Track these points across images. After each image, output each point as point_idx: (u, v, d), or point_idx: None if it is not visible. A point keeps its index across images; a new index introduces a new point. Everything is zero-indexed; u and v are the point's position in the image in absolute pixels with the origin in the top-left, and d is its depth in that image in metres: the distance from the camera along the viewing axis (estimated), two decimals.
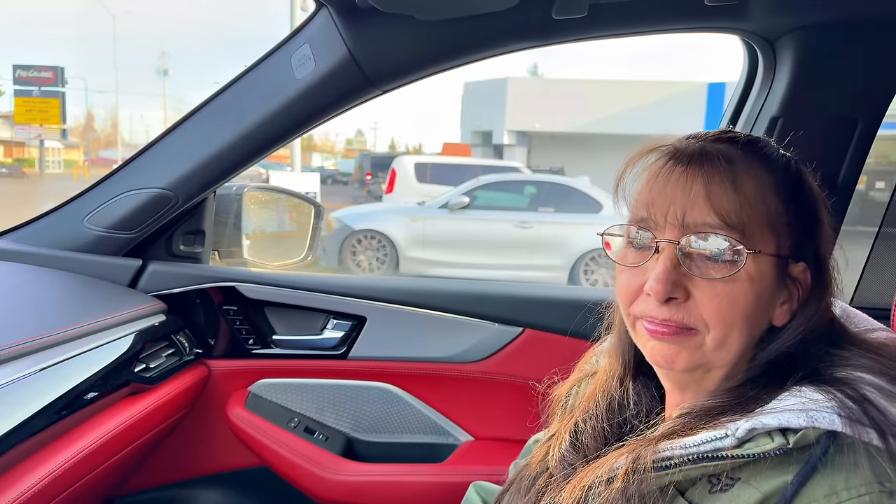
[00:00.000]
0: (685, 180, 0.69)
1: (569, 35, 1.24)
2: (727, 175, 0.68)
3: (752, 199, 0.68)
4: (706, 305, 0.68)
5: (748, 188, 0.68)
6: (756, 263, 0.67)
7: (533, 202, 8.82)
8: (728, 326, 0.68)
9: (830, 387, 0.63)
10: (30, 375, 0.99)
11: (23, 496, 0.89)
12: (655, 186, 0.71)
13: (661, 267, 0.68)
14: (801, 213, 0.71)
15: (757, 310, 0.69)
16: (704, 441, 0.63)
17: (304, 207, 1.78)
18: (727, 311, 0.67)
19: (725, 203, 0.67)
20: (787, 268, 0.70)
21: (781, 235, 0.69)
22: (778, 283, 0.69)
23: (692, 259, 0.68)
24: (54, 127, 21.07)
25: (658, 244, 0.70)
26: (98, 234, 1.40)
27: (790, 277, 0.70)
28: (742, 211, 0.67)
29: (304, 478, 1.41)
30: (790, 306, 0.71)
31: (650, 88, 23.76)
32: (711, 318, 0.68)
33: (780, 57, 1.27)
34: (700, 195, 0.68)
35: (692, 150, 0.71)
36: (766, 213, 0.69)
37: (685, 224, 0.68)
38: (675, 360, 0.70)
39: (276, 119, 1.29)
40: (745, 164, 0.70)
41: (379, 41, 1.20)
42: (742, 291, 0.67)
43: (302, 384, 1.50)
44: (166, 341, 1.38)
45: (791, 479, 0.59)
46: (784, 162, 0.73)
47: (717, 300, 0.67)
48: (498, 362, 1.46)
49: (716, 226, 0.67)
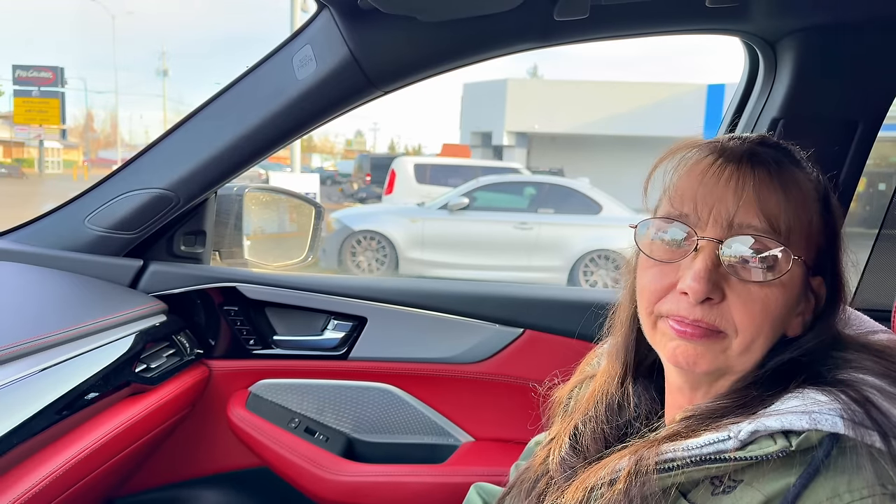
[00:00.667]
0: (737, 180, 0.67)
1: (570, 36, 1.24)
2: (778, 179, 0.67)
3: (798, 206, 0.68)
4: (740, 309, 0.67)
5: (796, 195, 0.68)
6: (791, 271, 0.67)
7: (532, 203, 8.82)
8: (757, 332, 0.67)
9: (833, 388, 0.63)
10: (30, 376, 0.99)
11: (24, 496, 0.89)
12: (705, 183, 0.69)
13: (700, 265, 0.66)
14: (827, 227, 0.71)
15: (784, 317, 0.69)
16: (707, 443, 0.63)
17: (305, 208, 1.78)
18: (759, 317, 0.67)
19: (774, 207, 0.66)
20: (809, 280, 0.70)
21: (812, 246, 0.69)
22: (799, 293, 0.69)
23: (734, 261, 0.67)
24: (54, 127, 21.07)
25: (698, 242, 0.68)
26: (99, 234, 1.40)
27: (810, 289, 0.71)
28: (788, 216, 0.66)
29: (305, 478, 1.41)
30: (804, 318, 0.71)
31: (650, 90, 23.77)
32: (743, 323, 0.67)
33: (780, 59, 1.27)
34: (750, 196, 0.66)
35: (742, 151, 0.70)
36: (808, 221, 0.68)
37: (732, 224, 0.67)
38: (697, 363, 0.69)
39: (277, 120, 1.29)
40: (793, 170, 0.69)
41: (380, 42, 1.20)
42: (775, 298, 0.67)
43: (302, 385, 1.50)
44: (167, 341, 1.38)
45: (794, 482, 0.59)
46: (816, 173, 0.73)
47: (751, 304, 0.67)
48: (498, 363, 1.46)
49: (762, 229, 0.66)
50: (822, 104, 1.27)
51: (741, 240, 0.67)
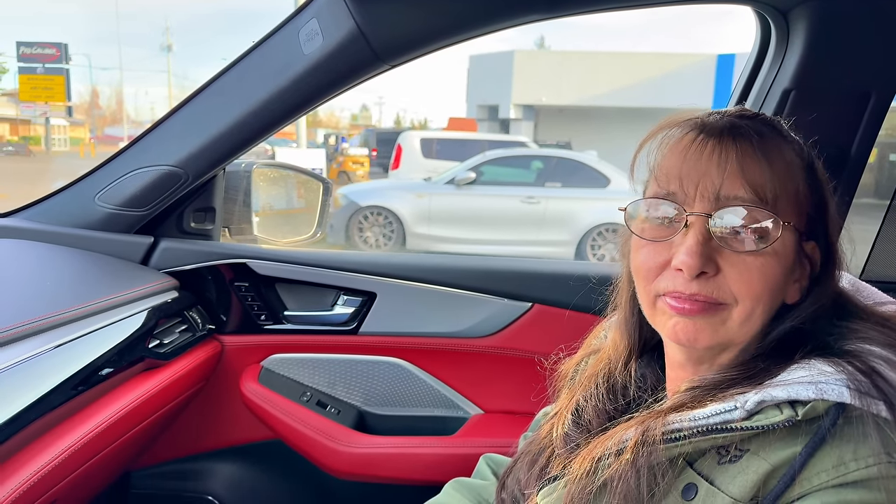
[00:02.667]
0: (719, 153, 0.68)
1: (578, 7, 1.22)
2: (760, 149, 0.68)
3: (783, 175, 0.68)
4: (737, 279, 0.67)
5: (779, 163, 0.69)
6: (782, 238, 0.68)
7: (540, 177, 8.78)
8: (756, 300, 0.68)
9: (840, 359, 0.64)
10: (46, 352, 1.00)
11: (44, 469, 0.92)
12: (688, 160, 0.69)
13: (692, 240, 0.67)
14: (815, 194, 0.72)
15: (782, 284, 0.69)
16: (714, 413, 0.64)
17: (313, 184, 1.78)
18: (757, 285, 0.67)
19: (759, 177, 0.67)
20: (802, 246, 0.71)
21: (802, 213, 0.70)
22: (794, 260, 0.70)
23: (725, 233, 0.68)
24: (59, 104, 21.06)
25: (687, 218, 0.68)
26: (109, 211, 1.41)
27: (804, 255, 0.71)
28: (774, 185, 0.67)
29: (317, 450, 1.44)
30: (801, 284, 0.72)
31: (659, 60, 23.45)
32: (742, 292, 0.68)
33: (792, 28, 1.25)
34: (734, 168, 0.67)
35: (722, 125, 0.70)
36: (795, 189, 0.69)
37: (719, 197, 0.67)
38: (697, 338, 0.69)
39: (284, 95, 1.28)
40: (776, 141, 0.70)
41: (387, 15, 1.18)
42: (771, 265, 0.68)
43: (314, 359, 1.51)
44: (179, 317, 1.39)
45: (800, 451, 0.60)
46: (800, 143, 0.74)
47: (747, 274, 0.67)
48: (507, 337, 1.47)
49: (749, 199, 0.67)
50: (834, 74, 1.26)
51: (729, 211, 0.67)
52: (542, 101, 24.66)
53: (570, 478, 0.71)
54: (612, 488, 0.66)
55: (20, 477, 0.88)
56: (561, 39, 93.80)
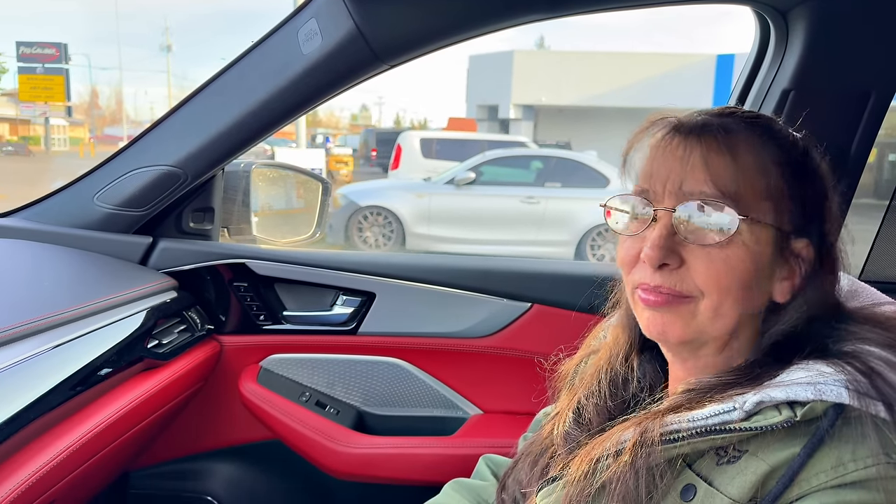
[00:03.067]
0: (683, 150, 0.70)
1: (579, 7, 1.22)
2: (725, 144, 0.69)
3: (751, 170, 0.68)
4: (700, 271, 0.68)
5: (746, 159, 0.69)
6: (752, 233, 0.68)
7: (539, 177, 8.78)
8: (723, 293, 0.68)
9: (838, 360, 0.64)
10: (45, 352, 1.00)
11: (43, 469, 0.91)
12: (656, 158, 0.72)
13: (655, 234, 0.70)
14: (806, 190, 0.70)
15: (753, 280, 0.69)
16: (712, 414, 0.64)
17: (312, 184, 1.78)
18: (721, 277, 0.68)
19: (722, 171, 0.68)
20: (790, 243, 0.70)
21: (783, 210, 0.69)
22: (777, 256, 0.69)
23: (688, 226, 0.69)
24: (59, 104, 21.06)
25: (656, 213, 0.71)
26: (108, 211, 1.41)
27: (792, 253, 0.70)
28: (738, 180, 0.68)
29: (316, 450, 1.44)
30: (792, 282, 0.71)
31: (658, 60, 23.46)
32: (705, 284, 0.68)
33: (792, 28, 1.25)
34: (698, 164, 0.69)
35: (693, 123, 0.72)
36: (766, 185, 0.69)
37: (682, 192, 0.69)
38: (667, 331, 0.71)
39: (283, 95, 1.28)
40: (746, 136, 0.70)
41: (386, 15, 1.18)
42: (737, 258, 0.68)
43: (313, 359, 1.51)
44: (178, 317, 1.39)
45: (798, 451, 0.60)
46: (791, 139, 0.72)
47: (711, 266, 0.68)
48: (506, 337, 1.47)
49: (711, 194, 0.68)
50: (834, 74, 1.26)
51: (691, 205, 0.69)
52: (541, 101, 24.67)
53: (568, 479, 0.71)
54: (610, 490, 0.66)
55: (19, 477, 0.88)
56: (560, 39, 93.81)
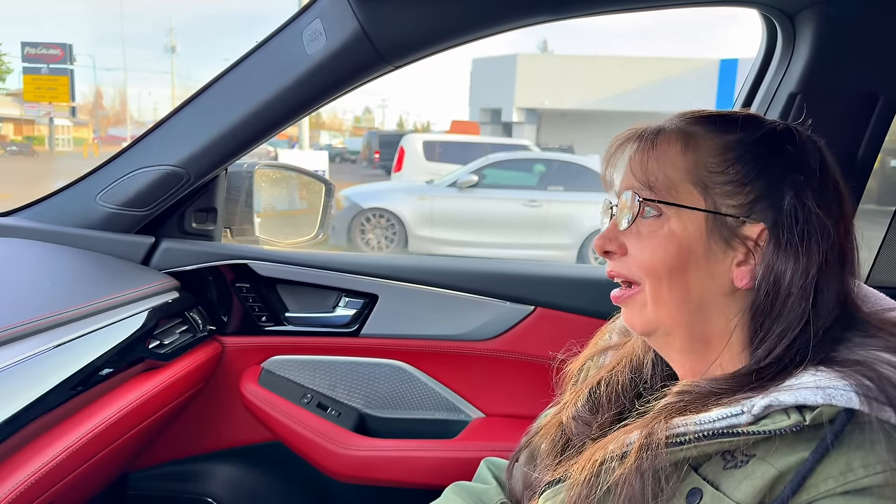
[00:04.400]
0: (625, 156, 0.78)
1: (584, 8, 1.22)
2: (648, 143, 0.75)
3: (669, 159, 0.73)
4: (634, 256, 0.74)
5: (666, 151, 0.73)
6: (679, 218, 0.71)
7: (542, 181, 8.77)
8: (656, 278, 0.72)
9: (848, 365, 0.63)
10: (45, 352, 0.99)
11: (42, 469, 0.91)
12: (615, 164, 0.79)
13: (603, 227, 0.79)
14: (756, 173, 0.70)
15: (685, 263, 0.71)
16: (720, 417, 0.63)
17: (315, 185, 1.77)
18: (650, 261, 0.72)
19: (640, 165, 0.74)
20: (739, 227, 0.70)
21: (719, 193, 0.71)
22: (716, 240, 0.70)
23: (621, 217, 0.76)
24: (63, 104, 21.11)
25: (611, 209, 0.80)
26: (111, 211, 1.41)
27: (741, 237, 0.70)
28: (652, 170, 0.73)
29: (317, 453, 1.43)
30: (751, 267, 0.70)
31: (661, 65, 23.47)
32: (640, 269, 0.74)
33: (799, 31, 1.25)
34: (627, 164, 0.77)
35: (638, 131, 0.78)
36: (692, 171, 0.72)
37: (619, 190, 0.78)
38: (632, 322, 0.77)
39: (287, 95, 1.27)
40: (674, 131, 0.75)
41: (391, 16, 1.18)
42: (662, 243, 0.72)
43: (315, 361, 1.51)
44: (180, 318, 1.39)
45: (807, 456, 0.59)
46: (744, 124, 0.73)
47: (642, 251, 0.73)
48: (509, 340, 1.46)
49: (632, 186, 0.75)
50: (841, 78, 1.25)
51: (620, 197, 0.77)
52: (544, 104, 24.69)
53: (572, 481, 0.71)
54: (615, 493, 0.66)
55: (18, 477, 0.87)
56: (564, 43, 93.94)
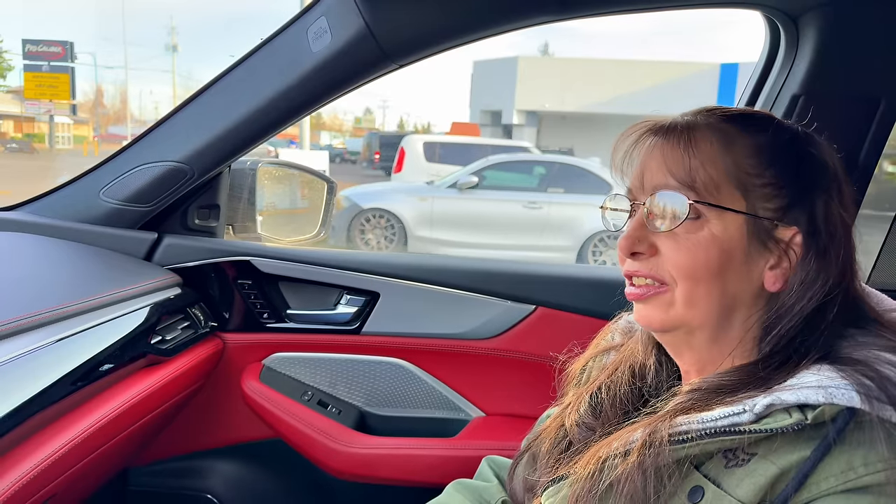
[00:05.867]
0: (651, 148, 0.74)
1: (588, 9, 1.22)
2: (683, 138, 0.72)
3: (711, 159, 0.71)
4: (670, 258, 0.71)
5: (706, 149, 0.71)
6: (721, 221, 0.69)
7: (542, 183, 8.78)
8: (693, 281, 0.70)
9: (849, 364, 0.63)
10: (47, 346, 0.99)
11: (43, 463, 0.91)
12: (635, 158, 0.77)
13: (628, 225, 0.76)
14: (790, 177, 0.71)
15: (725, 266, 0.70)
16: (722, 416, 0.63)
17: (317, 184, 1.78)
18: (689, 265, 0.70)
19: (678, 163, 0.71)
20: (774, 230, 0.70)
21: (757, 196, 0.70)
22: (754, 243, 0.70)
23: (657, 217, 0.72)
24: (64, 102, 21.07)
25: (633, 207, 0.76)
26: (114, 206, 1.41)
27: (777, 241, 0.70)
28: (694, 169, 0.70)
29: (318, 450, 1.43)
30: (783, 271, 0.70)
31: (662, 68, 23.51)
32: (676, 271, 0.71)
33: (802, 33, 1.25)
34: (658, 159, 0.73)
35: (664, 123, 0.75)
36: (733, 172, 0.70)
37: (648, 187, 0.74)
38: (650, 319, 0.74)
39: (291, 93, 1.28)
40: (709, 129, 0.73)
41: (396, 14, 1.18)
42: (702, 245, 0.70)
43: (315, 358, 1.51)
44: (182, 314, 1.39)
45: (809, 454, 0.60)
46: (775, 126, 0.73)
47: (679, 253, 0.71)
48: (510, 339, 1.46)
49: (670, 185, 0.71)
50: (844, 80, 1.25)
51: (655, 196, 0.73)
52: (545, 107, 24.71)
53: (575, 478, 0.71)
54: (617, 490, 0.66)
55: (19, 471, 0.87)
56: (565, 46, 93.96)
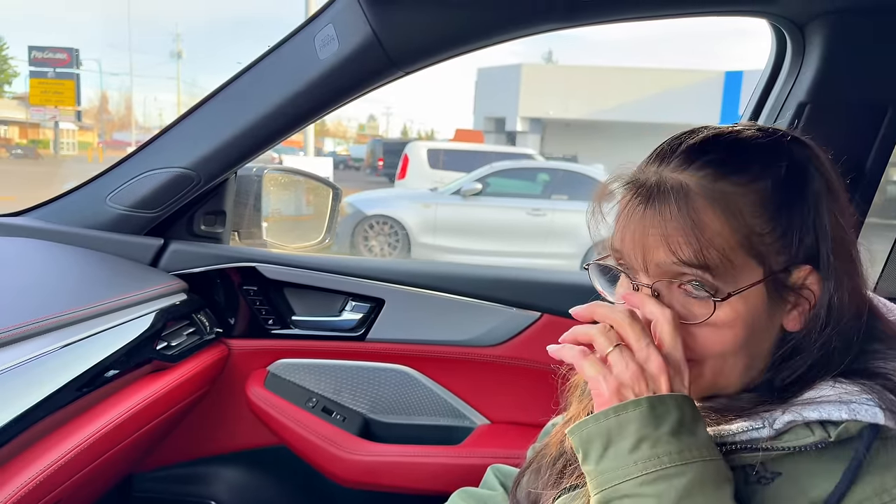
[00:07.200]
0: (643, 224, 0.65)
1: (595, 17, 1.22)
2: (684, 215, 0.63)
3: (720, 236, 0.63)
4: (697, 340, 0.66)
5: (713, 225, 0.63)
6: (742, 296, 0.64)
7: (546, 190, 8.79)
8: (721, 358, 0.66)
9: (869, 378, 0.62)
10: (53, 352, 1.00)
11: (50, 468, 0.91)
12: (627, 225, 0.68)
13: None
14: (792, 217, 0.65)
15: (752, 337, 0.66)
16: (740, 431, 0.62)
17: (322, 190, 1.78)
18: (716, 347, 0.65)
19: (685, 248, 0.63)
20: (787, 279, 0.66)
21: (769, 253, 0.65)
22: (773, 298, 0.66)
23: (674, 298, 0.66)
24: (69, 108, 21.20)
25: (635, 286, 0.68)
26: (120, 212, 1.41)
27: (793, 287, 0.66)
28: (705, 252, 0.62)
29: (322, 457, 1.43)
30: (802, 309, 0.67)
31: (666, 76, 23.54)
32: (703, 352, 0.66)
33: (809, 41, 1.25)
34: (659, 240, 0.64)
35: (650, 185, 0.66)
36: (744, 241, 0.64)
37: (651, 268, 0.66)
38: None
39: (298, 100, 1.28)
40: (710, 196, 0.64)
41: (404, 21, 1.19)
42: (728, 326, 0.64)
43: (320, 365, 1.51)
44: (187, 320, 1.39)
45: (839, 477, 0.58)
46: (773, 159, 0.66)
47: (702, 338, 0.65)
48: (515, 347, 1.46)
49: (679, 270, 0.64)
50: (850, 88, 1.25)
51: (665, 285, 0.66)
52: (548, 114, 24.75)
53: (585, 490, 0.70)
54: None
55: (25, 476, 0.87)
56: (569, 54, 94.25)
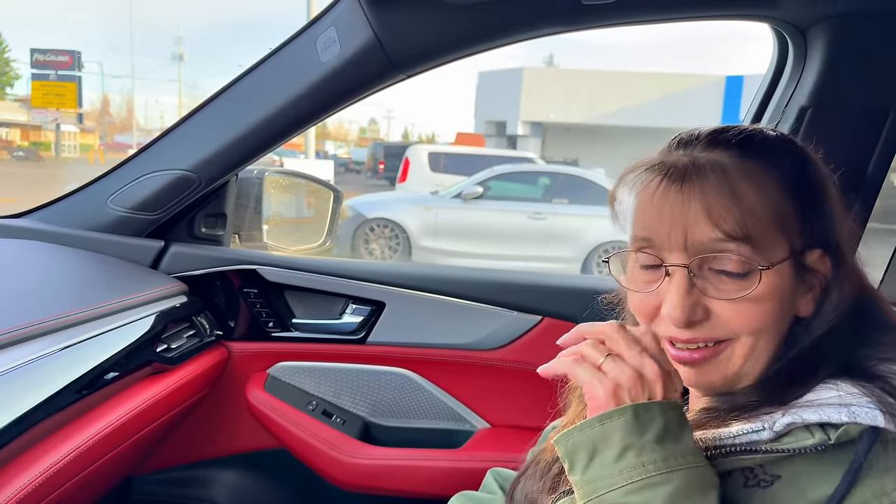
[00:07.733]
0: (682, 200, 0.66)
1: (597, 21, 1.22)
2: (724, 187, 0.65)
3: (756, 208, 0.65)
4: (731, 318, 0.67)
5: (749, 197, 0.65)
6: (775, 270, 0.66)
7: (547, 193, 8.80)
8: (757, 334, 0.67)
9: (868, 380, 0.62)
10: (53, 354, 0.99)
11: (50, 470, 0.91)
12: (657, 207, 0.68)
13: (674, 293, 0.67)
14: (806, 200, 0.68)
15: (782, 314, 0.68)
16: (739, 433, 0.62)
17: (323, 193, 1.78)
18: (754, 323, 0.66)
19: (727, 218, 0.64)
20: (804, 259, 0.68)
21: (793, 232, 0.67)
22: (795, 278, 0.68)
23: (706, 279, 0.67)
24: (70, 111, 21.24)
25: (667, 268, 0.68)
26: (121, 214, 1.41)
27: (808, 268, 0.69)
28: (747, 223, 0.64)
29: (322, 460, 1.42)
30: (814, 293, 0.69)
31: (667, 80, 23.57)
32: (739, 328, 0.67)
33: (810, 46, 1.25)
34: (700, 214, 0.65)
35: (683, 165, 0.68)
36: (774, 216, 0.66)
37: (691, 245, 0.66)
38: (710, 382, 0.69)
39: (300, 102, 1.28)
40: (742, 171, 0.67)
41: (405, 25, 1.19)
42: (764, 300, 0.66)
43: (320, 368, 1.50)
44: (187, 322, 1.38)
45: (838, 479, 0.58)
46: (783, 150, 0.70)
47: (741, 315, 0.66)
48: (516, 350, 1.45)
49: (721, 244, 0.65)
50: (852, 93, 1.25)
51: (705, 259, 0.66)
52: (549, 118, 24.78)
53: None
54: None
55: (25, 478, 0.87)
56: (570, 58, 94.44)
